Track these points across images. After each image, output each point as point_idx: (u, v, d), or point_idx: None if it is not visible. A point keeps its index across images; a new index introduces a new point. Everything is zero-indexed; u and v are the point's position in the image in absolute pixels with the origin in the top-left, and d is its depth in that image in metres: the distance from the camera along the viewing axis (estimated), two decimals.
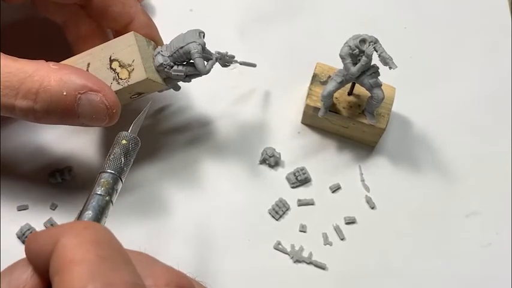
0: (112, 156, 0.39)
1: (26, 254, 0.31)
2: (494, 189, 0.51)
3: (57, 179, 0.49)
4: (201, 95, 0.52)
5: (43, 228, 0.48)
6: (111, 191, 0.37)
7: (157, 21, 0.48)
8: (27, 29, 0.53)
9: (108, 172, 0.38)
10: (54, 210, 0.49)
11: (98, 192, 0.36)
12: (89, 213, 0.35)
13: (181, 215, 0.49)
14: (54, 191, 0.49)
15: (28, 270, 0.31)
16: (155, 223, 0.49)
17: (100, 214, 0.36)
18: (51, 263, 0.29)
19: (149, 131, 0.50)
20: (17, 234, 0.48)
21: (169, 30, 0.47)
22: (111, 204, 0.37)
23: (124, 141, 0.39)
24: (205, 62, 0.44)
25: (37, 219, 0.48)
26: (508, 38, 0.56)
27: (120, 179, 0.38)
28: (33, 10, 0.49)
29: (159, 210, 0.49)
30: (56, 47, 0.48)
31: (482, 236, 0.50)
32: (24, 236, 0.47)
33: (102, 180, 0.37)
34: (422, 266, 0.48)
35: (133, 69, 0.43)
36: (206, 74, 0.44)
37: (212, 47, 0.46)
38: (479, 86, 0.54)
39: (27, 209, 0.49)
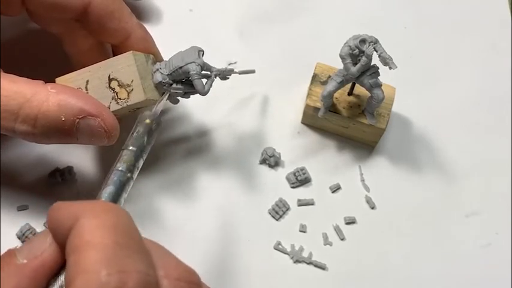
0: (135, 134, 0.39)
1: (48, 221, 0.32)
2: (494, 189, 0.51)
3: (57, 179, 0.49)
4: (200, 96, 0.52)
5: (43, 228, 0.48)
6: (132, 167, 0.37)
7: (157, 21, 0.48)
8: (27, 40, 0.53)
9: (130, 149, 0.38)
10: None
11: (120, 168, 0.37)
12: (110, 188, 0.36)
13: (181, 215, 0.49)
14: (54, 191, 0.49)
15: (48, 238, 0.32)
16: (153, 223, 0.49)
17: (120, 190, 0.36)
18: (68, 241, 0.30)
19: None
20: (17, 235, 0.48)
21: (169, 31, 0.47)
22: (131, 180, 0.37)
23: (147, 121, 0.40)
24: (205, 81, 0.44)
25: (37, 219, 0.48)
26: (508, 38, 0.56)
27: (142, 156, 0.39)
28: (32, 21, 0.48)
29: (158, 209, 0.49)
30: (56, 57, 0.48)
31: (482, 236, 0.50)
32: (24, 236, 0.47)
33: (124, 157, 0.38)
34: (422, 266, 0.48)
35: (132, 89, 0.43)
36: (205, 95, 0.45)
37: (212, 47, 0.46)
38: (479, 85, 0.54)
39: (27, 209, 0.49)
